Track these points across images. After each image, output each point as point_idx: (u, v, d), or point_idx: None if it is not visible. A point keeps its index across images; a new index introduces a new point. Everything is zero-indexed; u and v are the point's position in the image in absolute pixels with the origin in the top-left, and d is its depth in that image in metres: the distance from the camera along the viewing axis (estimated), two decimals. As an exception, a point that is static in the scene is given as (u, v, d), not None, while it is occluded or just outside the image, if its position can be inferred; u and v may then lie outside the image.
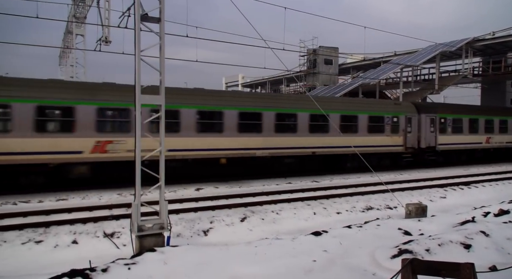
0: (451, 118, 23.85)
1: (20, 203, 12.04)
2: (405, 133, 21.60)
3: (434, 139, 22.93)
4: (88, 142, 13.96)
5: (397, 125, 21.41)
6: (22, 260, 7.74)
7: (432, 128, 22.86)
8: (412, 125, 22.02)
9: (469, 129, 24.77)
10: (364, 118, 20.32)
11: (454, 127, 23.99)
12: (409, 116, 22.02)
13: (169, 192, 13.70)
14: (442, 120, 23.44)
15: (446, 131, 23.57)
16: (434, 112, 23.18)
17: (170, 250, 6.98)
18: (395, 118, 21.41)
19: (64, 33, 34.09)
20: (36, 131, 13.26)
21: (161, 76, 8.09)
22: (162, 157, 8.05)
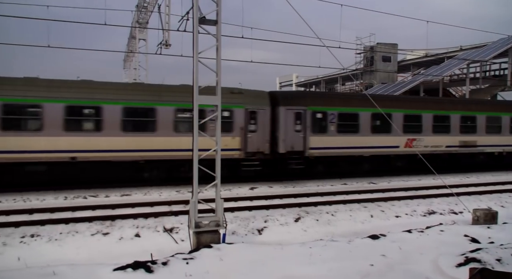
0: (334, 112, 17.30)
1: (89, 197, 12.99)
2: (244, 132, 15.98)
3: (302, 141, 16.70)
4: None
5: (230, 122, 15.79)
6: (91, 250, 8.34)
7: (298, 126, 16.78)
8: (258, 121, 16.22)
9: (371, 128, 18.01)
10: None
11: (341, 124, 17.44)
12: (253, 109, 16.13)
13: (224, 191, 14.00)
14: (319, 115, 17.05)
15: (325, 130, 17.17)
16: (301, 104, 16.85)
17: (226, 247, 7.13)
18: (227, 112, 15.72)
19: (128, 38, 36.25)
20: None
21: (218, 77, 8.28)
22: (218, 156, 8.24)
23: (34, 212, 10.66)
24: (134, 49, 31.63)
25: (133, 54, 33.37)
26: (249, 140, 16.05)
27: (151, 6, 27.04)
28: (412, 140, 18.89)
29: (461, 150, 20.21)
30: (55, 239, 8.65)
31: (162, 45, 21.33)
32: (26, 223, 9.53)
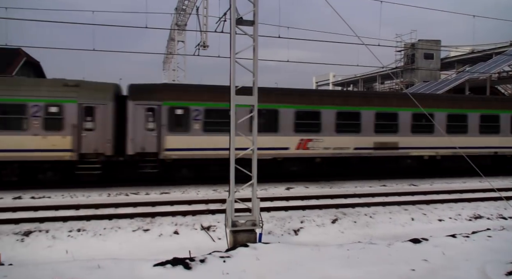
0: (200, 108, 14.99)
1: (131, 194, 13.48)
2: (77, 130, 14.01)
3: (155, 141, 14.65)
4: None
5: (60, 119, 13.85)
6: (133, 245, 8.66)
7: (151, 124, 14.70)
8: (97, 118, 14.21)
9: (249, 127, 16.23)
10: None
11: (208, 122, 15.04)
12: (89, 105, 14.15)
13: (260, 190, 14.04)
14: (179, 112, 14.89)
15: (187, 129, 14.91)
16: (155, 99, 14.73)
17: (262, 246, 7.15)
18: (54, 108, 13.84)
19: (167, 40, 37.26)
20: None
21: (254, 77, 8.32)
22: (255, 156, 8.29)
23: (80, 207, 11.22)
24: (173, 50, 32.47)
25: (172, 56, 34.27)
26: (84, 139, 14.12)
27: (190, 9, 27.63)
28: (307, 141, 16.12)
29: (377, 153, 16.97)
30: (99, 234, 9.05)
31: (200, 47, 21.76)
32: (73, 218, 10.06)
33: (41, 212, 10.67)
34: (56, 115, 13.92)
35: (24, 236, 8.73)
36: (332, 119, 16.36)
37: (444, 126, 17.60)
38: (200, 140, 14.99)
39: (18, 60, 33.00)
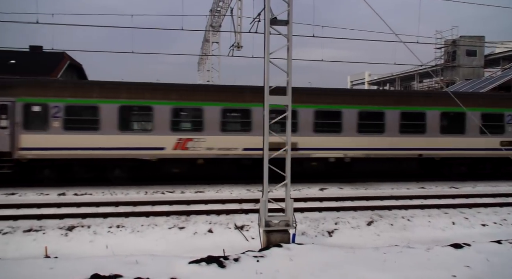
0: (60, 104, 13.80)
1: (167, 193, 13.83)
2: None
3: (8, 140, 13.64)
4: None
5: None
6: (169, 242, 8.88)
7: (4, 121, 13.66)
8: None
9: (119, 125, 14.28)
10: None
11: (71, 120, 13.95)
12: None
13: (293, 191, 13.97)
14: (36, 108, 13.78)
15: (46, 127, 13.78)
16: (7, 95, 13.74)
17: (296, 247, 7.12)
18: None
19: (202, 41, 37.92)
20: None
21: (288, 77, 8.29)
22: (288, 156, 8.26)
23: (119, 204, 11.63)
24: (208, 52, 32.99)
25: (207, 57, 34.81)
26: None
27: (224, 10, 27.97)
28: (186, 140, 14.88)
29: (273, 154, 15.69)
30: (137, 231, 9.35)
31: (234, 47, 21.96)
32: (112, 215, 10.45)
33: (83, 208, 11.17)
34: None
35: (68, 231, 9.18)
36: (217, 117, 14.95)
37: (355, 125, 15.84)
38: (61, 139, 14.00)
39: (63, 63, 34.72)
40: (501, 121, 16.86)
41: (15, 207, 11.09)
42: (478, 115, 16.49)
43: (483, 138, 16.34)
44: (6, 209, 10.87)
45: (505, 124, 16.88)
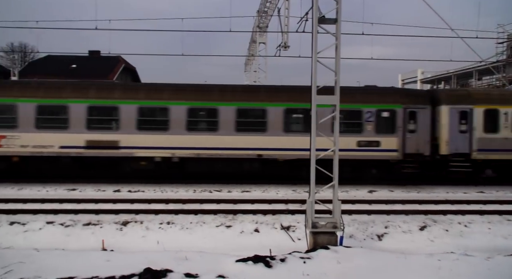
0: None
1: (214, 191, 14.12)
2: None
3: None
4: None
5: None
6: (216, 240, 9.06)
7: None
8: None
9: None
10: None
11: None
12: None
13: (341, 192, 13.66)
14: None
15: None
16: None
17: (344, 250, 6.97)
18: None
19: (249, 42, 38.28)
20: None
21: (336, 76, 8.14)
22: (336, 157, 8.11)
23: (169, 202, 12.06)
24: (255, 52, 33.25)
25: (254, 57, 35.10)
26: None
27: (271, 11, 28.03)
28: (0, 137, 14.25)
29: (90, 153, 14.48)
30: (186, 228, 9.65)
31: (281, 47, 21.96)
32: (163, 212, 10.86)
33: (136, 205, 11.71)
34: None
35: (122, 226, 9.67)
36: (31, 113, 14.40)
37: (184, 123, 14.81)
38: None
39: (118, 66, 36.66)
40: (359, 118, 15.16)
41: (76, 202, 11.88)
42: (330, 112, 14.95)
43: (340, 137, 15.07)
44: (68, 204, 11.68)
45: (363, 122, 15.14)
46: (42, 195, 12.84)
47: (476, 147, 15.16)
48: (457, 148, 15.11)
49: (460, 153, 15.09)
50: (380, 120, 15.05)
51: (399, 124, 15.01)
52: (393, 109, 15.07)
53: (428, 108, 15.30)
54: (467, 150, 15.12)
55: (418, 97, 15.88)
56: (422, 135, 15.15)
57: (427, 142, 15.16)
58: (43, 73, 31.05)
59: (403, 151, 15.03)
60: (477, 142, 15.15)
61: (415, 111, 15.22)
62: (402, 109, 15.07)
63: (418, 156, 15.17)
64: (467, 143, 15.14)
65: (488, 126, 15.21)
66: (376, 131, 14.98)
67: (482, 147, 15.21)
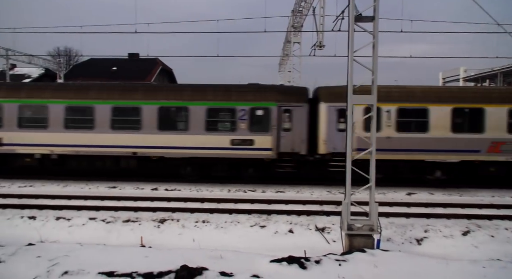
0: None
1: (248, 191, 14.20)
2: None
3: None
4: None
5: None
6: (251, 239, 9.09)
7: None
8: None
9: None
10: None
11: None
12: None
13: (378, 194, 13.33)
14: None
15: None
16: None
17: (381, 253, 6.78)
18: None
19: (283, 42, 38.17)
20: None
21: (374, 75, 7.95)
22: (373, 158, 7.92)
23: (205, 201, 12.26)
24: (289, 52, 33.11)
25: (288, 58, 34.96)
26: None
27: (306, 10, 27.81)
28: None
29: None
30: (221, 227, 9.76)
31: (316, 47, 21.74)
32: (199, 210, 11.05)
33: (173, 203, 11.99)
34: None
35: (159, 223, 9.94)
36: None
37: (62, 120, 15.11)
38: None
39: (156, 68, 37.73)
40: (233, 117, 14.88)
41: (116, 199, 12.34)
42: (204, 110, 14.88)
43: (212, 135, 14.83)
44: (109, 201, 12.16)
45: (237, 121, 14.81)
46: (85, 192, 13.44)
47: (355, 146, 14.45)
48: (335, 147, 14.54)
49: (338, 152, 14.28)
50: (254, 119, 14.91)
51: (273, 123, 14.77)
52: (267, 107, 14.83)
53: (304, 106, 14.93)
54: (345, 150, 14.39)
55: (294, 95, 15.46)
56: (297, 133, 14.86)
57: (303, 141, 14.85)
58: (86, 76, 32.54)
59: (277, 150, 14.85)
60: (356, 141, 14.45)
61: (290, 109, 14.90)
62: (276, 107, 14.81)
63: (293, 155, 14.93)
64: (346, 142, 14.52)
65: (369, 125, 14.22)
66: (250, 129, 14.87)
67: (362, 146, 14.59)
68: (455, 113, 14.48)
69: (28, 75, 38.60)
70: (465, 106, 14.53)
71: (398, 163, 14.72)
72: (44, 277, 5.65)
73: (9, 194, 12.73)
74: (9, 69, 32.15)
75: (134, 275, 5.66)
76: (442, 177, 14.98)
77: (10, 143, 15.32)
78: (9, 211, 10.79)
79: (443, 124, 14.40)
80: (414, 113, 14.64)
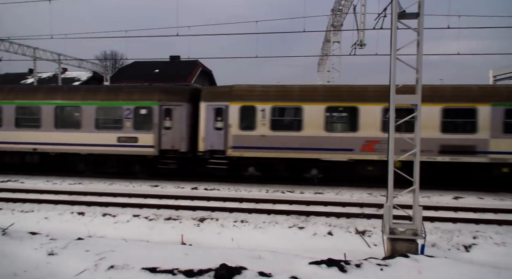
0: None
1: (287, 192, 14.14)
2: None
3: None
4: None
5: None
6: (289, 240, 9.04)
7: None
8: None
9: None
10: None
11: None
12: None
13: (422, 197, 12.82)
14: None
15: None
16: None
17: (425, 259, 6.51)
18: None
19: (322, 42, 37.68)
20: None
21: (418, 74, 7.65)
22: (417, 159, 7.61)
23: (243, 201, 12.36)
24: (328, 52, 32.65)
25: (327, 57, 34.48)
26: None
27: (346, 8, 27.31)
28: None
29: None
30: (259, 227, 9.79)
31: (356, 46, 21.28)
32: (237, 210, 11.16)
33: (212, 202, 12.20)
34: None
35: (199, 222, 10.14)
36: None
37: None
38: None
39: (196, 70, 38.54)
40: (120, 115, 16.00)
41: (158, 197, 12.75)
42: (94, 109, 16.24)
43: (102, 133, 15.99)
44: (151, 199, 12.59)
45: (122, 119, 15.92)
46: (129, 190, 14.00)
47: (231, 144, 15.14)
48: (213, 145, 15.37)
49: (216, 150, 15.30)
50: (138, 117, 15.92)
51: (155, 121, 15.74)
52: (150, 106, 15.82)
53: (184, 105, 15.79)
54: (222, 147, 15.25)
55: (175, 95, 16.24)
56: (177, 131, 15.73)
57: (183, 138, 15.74)
58: (130, 78, 33.89)
59: (159, 147, 15.77)
60: (232, 139, 15.13)
61: (171, 108, 15.78)
62: (158, 107, 15.74)
63: (174, 152, 15.79)
64: (222, 140, 15.25)
65: (244, 123, 15.12)
66: (134, 127, 15.91)
67: (238, 144, 15.15)
68: (328, 112, 14.78)
69: (77, 78, 40.85)
70: (338, 105, 14.75)
71: (273, 161, 15.30)
72: (92, 270, 5.93)
73: (60, 191, 13.53)
74: (61, 72, 34.21)
75: (175, 271, 5.81)
76: (318, 175, 15.45)
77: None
78: (61, 207, 11.48)
79: (317, 123, 14.73)
80: (289, 112, 15.23)
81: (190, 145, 15.89)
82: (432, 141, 13.89)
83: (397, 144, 7.52)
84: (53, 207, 11.49)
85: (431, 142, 13.85)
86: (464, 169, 14.24)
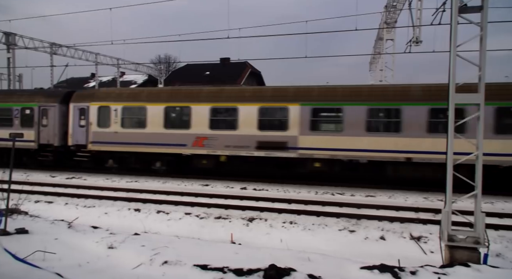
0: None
1: (336, 194, 13.87)
2: None
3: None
4: None
5: None
6: (339, 244, 8.85)
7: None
8: None
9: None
10: None
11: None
12: None
13: (485, 203, 11.96)
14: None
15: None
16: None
17: (489, 270, 6.05)
18: None
19: (374, 40, 36.52)
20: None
21: (481, 71, 7.15)
22: (480, 162, 7.11)
23: (292, 202, 12.31)
24: (381, 50, 31.58)
25: (380, 56, 33.36)
26: None
27: (401, 4, 26.24)
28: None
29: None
30: (308, 229, 9.69)
31: (411, 43, 20.37)
32: (286, 211, 11.14)
33: (261, 203, 12.28)
34: None
35: (248, 222, 10.24)
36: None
37: None
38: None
39: (245, 71, 39.04)
40: (11, 115, 19.42)
41: (208, 196, 13.07)
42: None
43: (1, 130, 18.99)
44: (202, 198, 12.93)
45: (13, 118, 19.40)
46: (181, 189, 14.50)
47: (91, 140, 18.05)
48: (78, 140, 18.32)
49: (80, 144, 18.24)
50: (24, 116, 19.29)
51: (35, 120, 19.06)
52: (31, 107, 19.23)
53: (56, 106, 18.88)
54: (84, 142, 18.13)
55: (50, 97, 19.32)
56: (52, 128, 18.91)
57: (56, 134, 18.82)
58: (182, 81, 35.11)
59: (38, 142, 19.03)
60: (92, 135, 18.01)
61: (47, 108, 18.99)
62: (37, 107, 19.08)
63: (50, 147, 18.93)
64: (85, 136, 18.05)
65: (101, 121, 17.87)
66: (21, 125, 19.29)
67: (96, 139, 17.98)
68: (167, 111, 17.07)
69: (134, 81, 43.07)
70: (175, 105, 17.04)
71: (125, 154, 17.84)
72: (148, 264, 6.21)
73: (119, 188, 14.34)
74: (119, 76, 36.28)
75: (226, 270, 5.91)
76: (162, 168, 17.68)
77: None
78: (119, 203, 12.16)
79: (158, 121, 17.09)
80: (136, 111, 17.55)
81: (62, 140, 18.89)
82: (250, 138, 15.77)
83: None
84: (112, 203, 12.21)
85: (250, 138, 15.76)
86: (281, 164, 15.99)
